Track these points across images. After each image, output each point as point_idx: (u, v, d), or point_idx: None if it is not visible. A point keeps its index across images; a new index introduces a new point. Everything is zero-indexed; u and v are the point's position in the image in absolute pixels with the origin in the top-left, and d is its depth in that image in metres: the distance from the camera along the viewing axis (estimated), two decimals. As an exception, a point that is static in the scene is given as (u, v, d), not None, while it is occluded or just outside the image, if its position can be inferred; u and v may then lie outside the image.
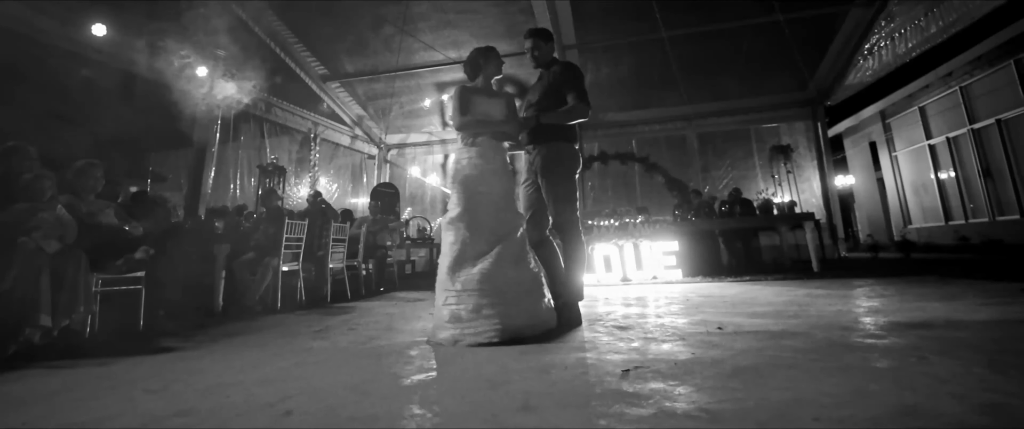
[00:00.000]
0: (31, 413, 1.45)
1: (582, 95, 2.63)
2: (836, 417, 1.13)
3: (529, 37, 2.84)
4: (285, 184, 6.99)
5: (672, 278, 5.32)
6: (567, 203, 2.60)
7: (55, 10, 4.55)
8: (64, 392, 1.69)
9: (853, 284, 4.03)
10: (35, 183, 2.83)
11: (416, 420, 1.25)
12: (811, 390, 1.33)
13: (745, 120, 8.84)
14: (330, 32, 7.74)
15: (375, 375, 1.73)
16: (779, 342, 1.94)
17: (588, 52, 8.08)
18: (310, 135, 8.30)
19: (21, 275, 2.49)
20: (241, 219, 5.08)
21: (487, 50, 2.77)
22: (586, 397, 1.36)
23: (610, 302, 3.64)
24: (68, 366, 2.17)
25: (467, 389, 1.50)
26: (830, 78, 8.17)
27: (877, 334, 2.02)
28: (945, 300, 2.85)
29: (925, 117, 9.39)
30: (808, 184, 8.44)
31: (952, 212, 8.93)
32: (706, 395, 1.33)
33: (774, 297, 3.45)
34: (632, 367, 1.66)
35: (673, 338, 2.14)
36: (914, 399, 1.23)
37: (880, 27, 7.09)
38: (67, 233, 2.85)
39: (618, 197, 9.08)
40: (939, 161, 9.16)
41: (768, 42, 7.70)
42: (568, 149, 2.67)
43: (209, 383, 1.70)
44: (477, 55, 2.75)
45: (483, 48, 2.78)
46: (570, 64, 2.77)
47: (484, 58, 2.73)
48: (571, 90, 2.64)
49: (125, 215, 3.40)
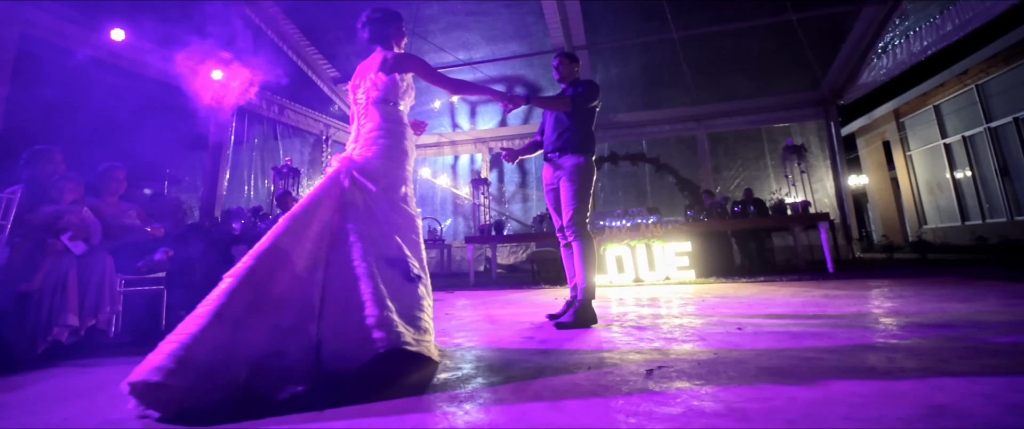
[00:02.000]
0: (71, 410, 1.49)
1: (576, 97, 2.84)
2: (866, 417, 1.14)
3: (557, 56, 3.07)
4: (299, 186, 7.06)
5: (685, 279, 5.31)
6: (581, 207, 2.77)
7: (78, 16, 4.65)
8: (98, 390, 1.73)
9: (870, 285, 4.00)
10: (62, 185, 2.89)
11: (446, 417, 1.27)
12: (838, 390, 1.33)
13: (756, 120, 8.79)
14: (341, 34, 7.81)
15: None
16: (801, 342, 1.94)
17: (598, 53, 8.08)
18: (322, 137, 8.38)
19: (49, 276, 2.55)
20: (256, 220, 5.15)
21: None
22: (614, 396, 1.37)
23: (625, 303, 3.65)
24: (97, 364, 2.22)
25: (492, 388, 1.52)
26: (843, 77, 8.10)
27: (900, 335, 2.01)
28: (966, 301, 2.83)
29: (940, 116, 9.28)
30: (821, 184, 8.37)
31: (969, 212, 8.81)
32: (733, 394, 1.33)
33: (791, 297, 3.44)
34: (655, 366, 1.66)
35: (693, 338, 2.14)
36: (944, 399, 1.23)
37: (894, 25, 7.02)
38: (92, 235, 2.91)
39: (628, 198, 9.08)
40: (955, 160, 9.05)
41: (779, 41, 7.66)
42: (590, 159, 2.85)
43: (238, 381, 1.73)
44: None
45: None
46: (591, 81, 2.97)
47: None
48: (575, 91, 2.88)
49: (146, 217, 3.47)
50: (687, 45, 7.71)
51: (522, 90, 8.87)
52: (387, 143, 2.01)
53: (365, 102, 2.10)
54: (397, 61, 2.12)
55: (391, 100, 2.09)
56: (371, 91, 2.08)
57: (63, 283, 2.57)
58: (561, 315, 2.80)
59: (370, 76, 2.10)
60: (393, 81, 2.08)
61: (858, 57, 7.65)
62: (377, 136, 2.01)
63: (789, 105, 8.64)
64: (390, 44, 2.23)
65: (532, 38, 7.79)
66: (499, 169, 9.93)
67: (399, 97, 2.12)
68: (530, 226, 8.11)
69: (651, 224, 5.71)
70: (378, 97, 2.07)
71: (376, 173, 1.94)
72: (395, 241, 1.86)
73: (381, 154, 1.98)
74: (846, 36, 7.51)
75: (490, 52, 8.11)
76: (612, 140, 9.33)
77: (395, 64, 2.11)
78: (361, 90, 2.13)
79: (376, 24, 2.19)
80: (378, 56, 2.16)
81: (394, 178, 1.99)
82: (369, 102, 2.08)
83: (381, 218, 1.88)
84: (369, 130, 2.03)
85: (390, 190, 1.96)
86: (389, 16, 2.21)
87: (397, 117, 2.10)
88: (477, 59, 8.13)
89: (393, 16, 2.23)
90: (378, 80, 2.07)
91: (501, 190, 9.83)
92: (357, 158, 1.97)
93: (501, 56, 8.11)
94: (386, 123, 2.04)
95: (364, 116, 2.09)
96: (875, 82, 7.81)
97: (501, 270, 8.80)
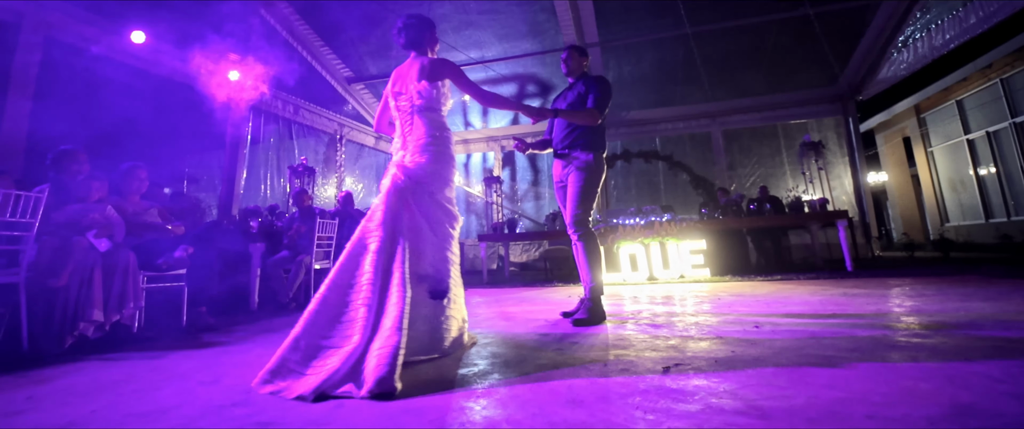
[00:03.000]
0: (99, 402, 1.53)
1: (598, 104, 2.79)
2: (890, 416, 1.12)
3: (566, 49, 3.04)
4: (314, 185, 7.14)
5: (700, 277, 5.26)
6: (585, 206, 2.78)
7: (99, 20, 4.75)
8: (124, 383, 1.77)
9: (890, 284, 3.93)
10: (87, 185, 2.96)
11: (465, 412, 1.28)
12: (860, 388, 1.31)
13: (772, 117, 8.66)
14: (354, 34, 7.87)
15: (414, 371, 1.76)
16: (820, 341, 1.92)
17: (611, 50, 8.02)
18: (336, 136, 8.46)
19: (76, 272, 2.62)
20: (273, 219, 5.22)
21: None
22: (630, 392, 1.37)
23: (639, 301, 3.63)
24: (122, 358, 2.28)
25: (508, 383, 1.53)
26: (862, 72, 7.93)
27: (922, 334, 1.98)
28: (990, 300, 2.76)
29: (963, 111, 9.06)
30: (839, 181, 8.22)
31: (993, 209, 8.59)
32: (752, 392, 1.32)
33: (809, 296, 3.39)
34: (672, 364, 1.66)
35: (709, 336, 2.12)
36: (970, 398, 1.20)
37: (915, 18, 6.85)
38: (116, 232, 2.98)
39: (642, 196, 9.00)
40: (978, 156, 8.82)
41: (796, 36, 7.52)
42: (599, 157, 2.83)
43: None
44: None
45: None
46: (603, 78, 2.91)
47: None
48: (592, 95, 2.82)
49: (167, 215, 3.54)
50: (701, 41, 7.61)
51: (534, 88, 8.85)
52: (436, 150, 2.12)
53: (409, 110, 2.18)
54: (433, 68, 2.19)
55: (434, 108, 2.18)
56: (415, 100, 2.16)
57: (89, 279, 2.64)
58: (575, 312, 2.81)
59: (411, 85, 2.17)
60: (436, 89, 2.17)
61: (877, 51, 7.48)
62: (426, 144, 2.11)
63: (806, 101, 8.49)
64: (424, 49, 2.30)
65: (544, 36, 7.76)
66: (511, 167, 9.93)
67: (441, 104, 2.21)
68: (543, 224, 8.10)
69: (665, 222, 5.67)
70: (422, 106, 2.15)
71: (427, 178, 2.07)
72: (436, 241, 2.05)
73: (432, 161, 2.09)
74: (865, 30, 7.35)
75: (502, 50, 8.10)
76: (625, 137, 9.27)
77: (432, 71, 2.17)
78: (403, 98, 2.20)
79: (411, 30, 2.26)
80: (415, 62, 2.23)
81: (442, 181, 2.13)
82: (413, 111, 2.17)
83: (430, 218, 2.05)
84: (417, 138, 2.13)
85: (438, 193, 2.11)
86: (423, 22, 2.29)
87: (441, 123, 2.19)
88: (489, 57, 8.13)
89: (427, 23, 2.31)
90: (421, 88, 2.15)
91: (514, 188, 9.83)
92: (409, 165, 2.08)
93: (513, 54, 8.10)
94: (433, 130, 2.14)
95: (410, 124, 2.18)
96: (895, 77, 7.63)
97: (514, 268, 8.81)
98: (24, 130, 4.14)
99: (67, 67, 4.58)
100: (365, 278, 1.76)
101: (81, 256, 2.65)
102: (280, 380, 1.54)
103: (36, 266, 2.57)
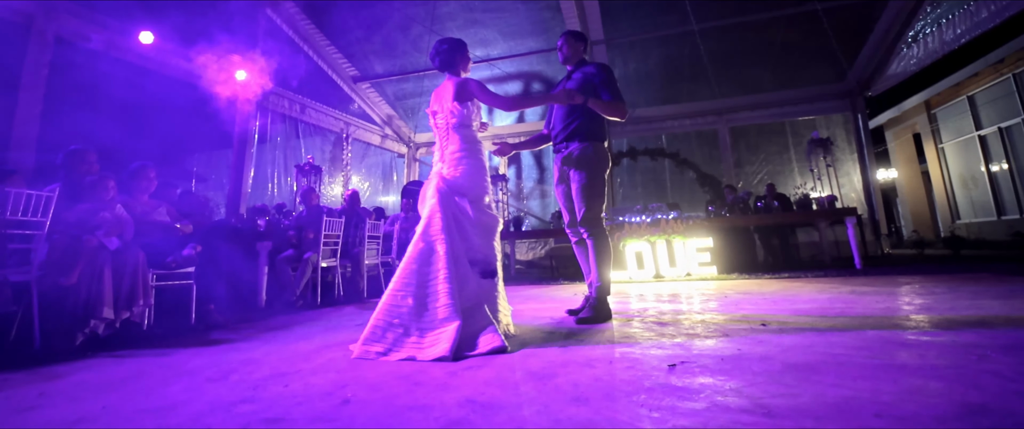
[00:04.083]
0: (110, 399, 1.55)
1: (615, 94, 2.70)
2: (898, 415, 1.11)
3: (562, 36, 2.93)
4: (321, 183, 7.17)
5: (706, 275, 5.24)
6: (595, 200, 2.68)
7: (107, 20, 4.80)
8: (134, 380, 1.79)
9: (900, 282, 3.89)
10: (98, 184, 2.99)
11: (472, 408, 1.28)
12: (868, 387, 1.30)
13: (779, 113, 8.58)
14: (360, 34, 7.89)
15: (423, 367, 1.77)
16: (828, 339, 1.90)
17: (616, 47, 7.99)
18: (342, 135, 8.49)
19: (86, 270, 2.65)
20: (281, 217, 5.25)
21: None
22: (635, 390, 1.37)
23: (645, 299, 3.62)
24: (132, 355, 2.30)
25: (515, 381, 1.53)
26: (870, 68, 7.84)
27: (932, 332, 1.95)
28: (1002, 299, 2.73)
29: (974, 106, 8.94)
30: (847, 178, 8.14)
31: (1005, 206, 8.47)
32: (758, 390, 1.31)
33: (817, 294, 3.36)
34: (678, 362, 1.65)
35: (716, 334, 2.11)
36: (980, 397, 1.19)
37: (925, 13, 6.76)
38: (125, 231, 3.01)
39: (648, 193, 8.97)
40: (990, 152, 8.71)
41: (803, 32, 7.44)
42: (599, 147, 2.72)
43: (266, 373, 1.78)
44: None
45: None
46: (604, 65, 2.81)
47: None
48: (606, 89, 2.71)
49: (176, 214, 3.57)
50: (707, 37, 7.56)
51: (539, 86, 8.83)
52: (471, 162, 2.39)
53: (445, 127, 2.45)
54: (460, 89, 2.42)
55: (466, 125, 2.44)
56: (449, 118, 2.43)
57: (99, 277, 2.67)
58: (580, 310, 2.79)
59: (446, 105, 2.44)
60: (466, 108, 2.42)
61: (887, 47, 7.39)
62: (462, 157, 2.39)
63: (814, 98, 8.41)
64: (457, 70, 2.53)
65: (550, 33, 7.74)
66: (517, 166, 9.93)
67: (472, 120, 2.47)
68: (549, 222, 8.10)
69: (671, 220, 5.64)
70: (456, 123, 2.42)
71: (464, 188, 2.36)
72: (477, 242, 2.33)
73: (467, 172, 2.37)
74: (874, 25, 7.25)
75: (507, 48, 8.09)
76: (631, 135, 9.23)
77: (460, 91, 2.42)
78: (440, 116, 2.47)
79: (444, 54, 2.51)
80: (449, 83, 2.48)
81: (479, 189, 2.40)
82: (449, 127, 2.44)
83: (474, 220, 2.33)
84: (452, 152, 2.41)
85: (478, 199, 2.39)
86: (454, 46, 2.53)
87: (473, 138, 2.47)
88: (494, 55, 8.13)
89: (458, 45, 2.54)
90: (454, 109, 2.41)
91: (519, 187, 9.82)
92: (447, 176, 2.37)
93: (518, 52, 8.08)
94: (466, 144, 2.41)
95: (446, 139, 2.46)
96: (905, 73, 7.54)
97: (520, 266, 8.81)
98: (35, 130, 4.19)
99: (77, 68, 4.63)
100: (441, 275, 2.10)
101: (91, 255, 2.68)
102: (395, 351, 1.95)
103: (47, 265, 2.60)
